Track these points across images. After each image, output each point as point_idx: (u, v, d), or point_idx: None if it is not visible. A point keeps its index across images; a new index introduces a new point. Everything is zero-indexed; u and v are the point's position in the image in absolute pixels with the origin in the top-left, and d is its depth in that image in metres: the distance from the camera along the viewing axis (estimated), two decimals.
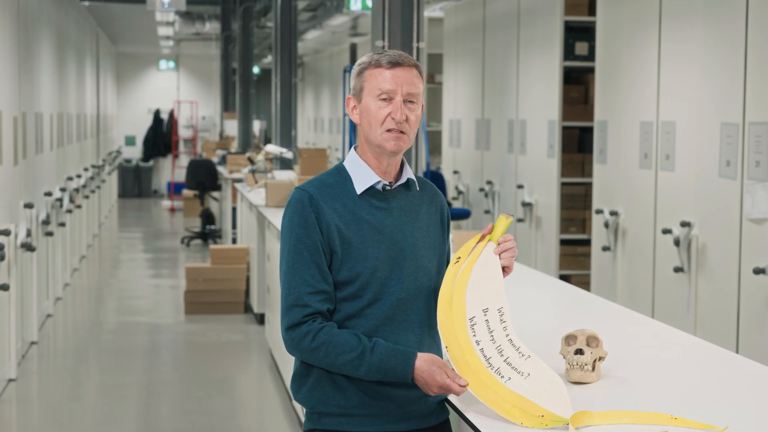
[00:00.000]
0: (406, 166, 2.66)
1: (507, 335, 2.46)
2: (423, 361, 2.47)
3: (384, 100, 2.55)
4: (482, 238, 2.55)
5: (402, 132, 2.55)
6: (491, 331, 2.45)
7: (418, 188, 2.67)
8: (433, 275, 2.63)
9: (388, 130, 2.54)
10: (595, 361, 2.65)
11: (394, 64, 2.55)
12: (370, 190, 2.60)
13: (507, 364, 2.41)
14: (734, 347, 4.95)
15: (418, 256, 2.60)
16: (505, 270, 2.56)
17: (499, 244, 2.54)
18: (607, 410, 2.38)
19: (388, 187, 2.61)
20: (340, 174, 2.62)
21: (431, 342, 2.63)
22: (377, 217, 2.58)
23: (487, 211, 8.94)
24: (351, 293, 2.54)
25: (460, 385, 2.41)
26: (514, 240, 2.54)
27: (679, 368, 2.90)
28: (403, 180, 2.64)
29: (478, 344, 2.43)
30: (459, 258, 2.53)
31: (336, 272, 2.54)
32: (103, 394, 6.40)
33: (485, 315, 2.46)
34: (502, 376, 2.40)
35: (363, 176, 2.59)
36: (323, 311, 2.52)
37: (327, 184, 2.59)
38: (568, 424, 2.31)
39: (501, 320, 2.47)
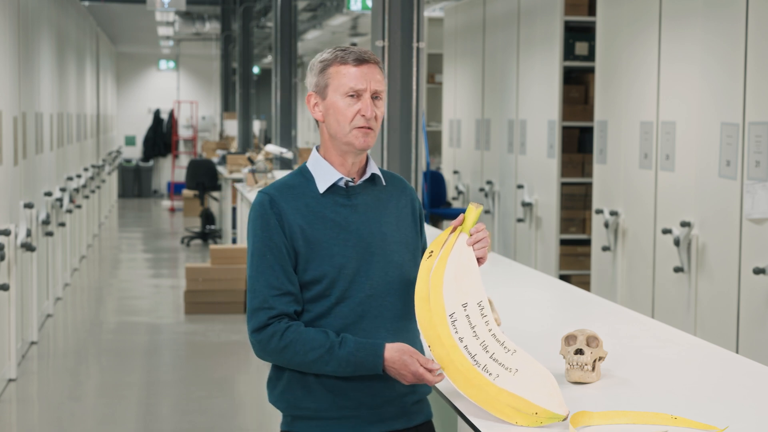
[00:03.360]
0: (371, 162, 2.63)
1: (490, 330, 2.39)
2: (393, 350, 2.43)
3: (352, 97, 2.53)
4: (453, 230, 2.50)
5: (370, 128, 2.54)
6: (473, 327, 2.38)
7: (384, 183, 2.64)
8: (405, 269, 2.58)
9: (358, 128, 2.53)
10: (595, 361, 2.65)
11: (361, 61, 2.53)
12: (334, 189, 2.57)
13: (493, 360, 2.35)
14: (734, 347, 4.95)
15: (388, 251, 2.57)
16: (479, 261, 2.52)
17: (471, 235, 2.51)
18: (607, 410, 2.38)
19: (351, 184, 2.59)
20: (303, 175, 2.59)
21: (409, 337, 2.58)
22: (342, 214, 2.55)
23: (487, 211, 8.94)
24: (318, 293, 2.51)
25: (430, 370, 2.39)
26: (486, 230, 2.50)
27: (679, 368, 2.89)
28: (367, 176, 2.61)
29: (462, 341, 2.37)
30: (432, 252, 2.47)
31: (302, 273, 2.51)
32: (103, 394, 6.40)
33: (465, 310, 2.40)
34: (490, 374, 2.34)
35: (325, 175, 2.57)
36: (290, 313, 2.49)
37: (289, 186, 2.57)
38: (563, 419, 2.30)
39: (482, 314, 2.40)
